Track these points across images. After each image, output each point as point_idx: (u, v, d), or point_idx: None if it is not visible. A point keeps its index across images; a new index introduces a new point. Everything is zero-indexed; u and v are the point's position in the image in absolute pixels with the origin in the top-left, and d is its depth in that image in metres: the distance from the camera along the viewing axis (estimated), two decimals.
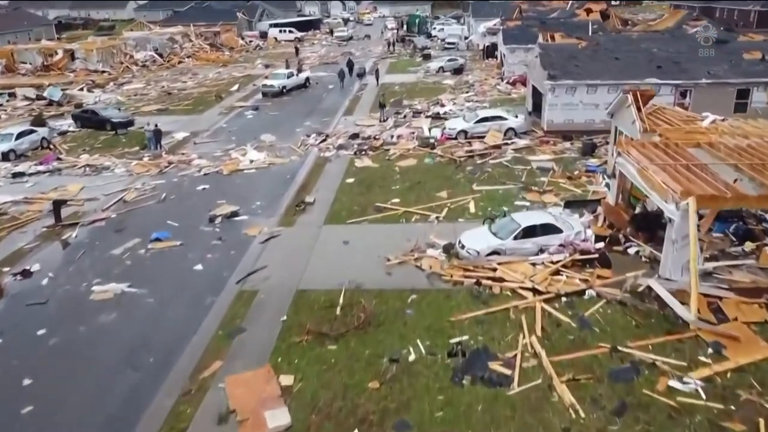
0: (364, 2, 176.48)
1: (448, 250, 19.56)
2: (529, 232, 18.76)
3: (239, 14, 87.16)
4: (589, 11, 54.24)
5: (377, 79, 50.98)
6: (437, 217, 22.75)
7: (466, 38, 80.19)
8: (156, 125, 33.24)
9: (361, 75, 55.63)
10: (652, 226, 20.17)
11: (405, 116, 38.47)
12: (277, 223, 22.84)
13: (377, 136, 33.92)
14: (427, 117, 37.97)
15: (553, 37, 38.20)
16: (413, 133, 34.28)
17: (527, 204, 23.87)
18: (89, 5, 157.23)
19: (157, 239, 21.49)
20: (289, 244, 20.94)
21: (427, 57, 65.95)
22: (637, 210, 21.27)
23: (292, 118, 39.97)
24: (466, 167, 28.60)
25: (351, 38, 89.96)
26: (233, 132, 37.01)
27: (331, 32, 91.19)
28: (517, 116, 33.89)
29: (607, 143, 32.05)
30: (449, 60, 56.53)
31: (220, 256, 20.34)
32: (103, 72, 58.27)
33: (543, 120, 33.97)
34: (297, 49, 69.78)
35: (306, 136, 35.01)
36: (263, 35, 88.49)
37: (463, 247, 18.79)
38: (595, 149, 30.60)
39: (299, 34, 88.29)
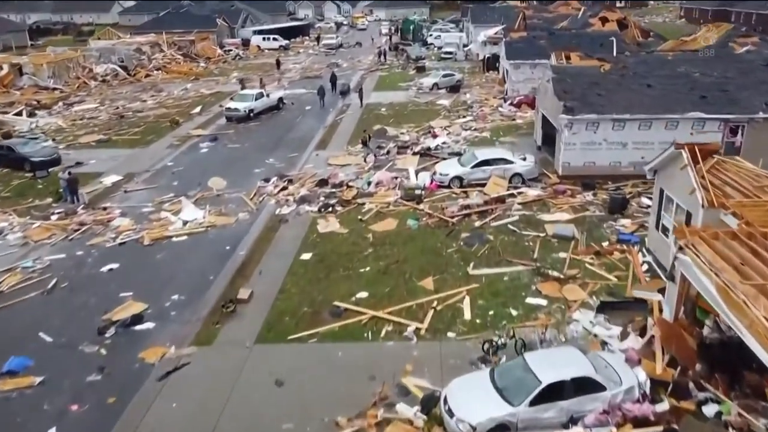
0: (360, 4, 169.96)
1: (429, 407, 12.90)
2: (554, 392, 11.98)
3: (219, 20, 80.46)
4: (605, 20, 47.53)
5: (361, 100, 44.29)
6: (417, 330, 16.08)
7: (465, 46, 73.58)
8: (69, 173, 26.52)
9: (345, 93, 48.98)
10: (733, 361, 13.56)
11: (388, 151, 31.78)
12: (192, 338, 16.16)
13: (350, 183, 27.22)
14: (415, 154, 31.25)
15: (568, 57, 31.54)
16: (396, 178, 27.59)
17: (543, 303, 17.20)
18: (72, 8, 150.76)
19: (9, 372, 14.83)
20: (198, 384, 14.27)
21: (420, 69, 59.27)
22: (707, 331, 14.60)
23: (253, 153, 33.30)
24: (460, 234, 21.93)
25: (340, 46, 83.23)
26: (178, 173, 30.33)
27: (318, 40, 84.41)
28: (525, 158, 27.17)
29: (640, 194, 25.51)
30: (445, 75, 49.82)
31: (91, 409, 13.66)
32: (55, 89, 51.63)
33: (557, 162, 27.30)
34: (278, 62, 62.97)
35: (264, 181, 28.32)
36: (245, 43, 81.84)
37: (451, 414, 12.06)
38: (626, 205, 23.90)
39: (284, 42, 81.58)
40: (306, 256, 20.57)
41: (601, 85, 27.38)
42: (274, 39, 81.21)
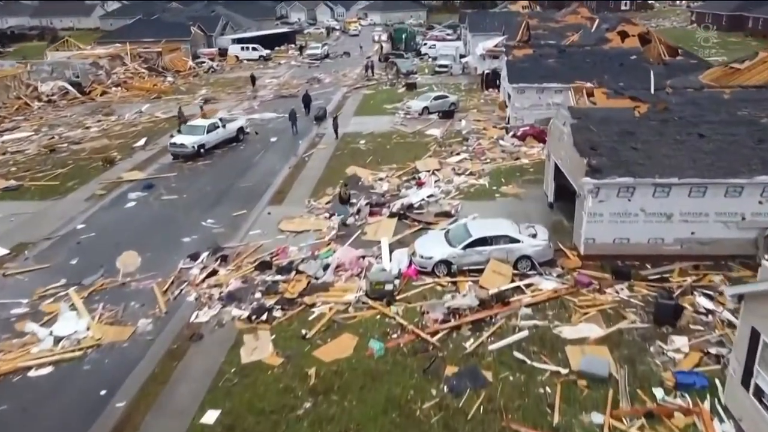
0: (354, 7, 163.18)
1: None
2: None
3: (193, 29, 73.54)
4: (624, 35, 40.54)
5: (336, 131, 37.33)
6: None
7: (462, 57, 66.71)
8: None
9: (321, 118, 42.12)
10: None
11: (359, 210, 24.88)
12: None
13: (301, 266, 20.32)
14: (392, 215, 24.36)
15: (590, 94, 24.66)
16: (363, 258, 20.72)
17: None
18: (52, 12, 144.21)
19: None
20: None
21: (411, 87, 52.39)
22: None
23: (190, 209, 26.44)
24: (444, 367, 15.08)
25: (326, 57, 76.29)
26: (85, 244, 23.45)
27: (301, 50, 77.44)
28: (535, 234, 20.25)
29: (693, 289, 18.64)
30: (437, 98, 42.90)
31: None
32: None
33: (578, 237, 20.45)
34: (253, 78, 55.90)
35: (190, 258, 21.46)
36: (223, 53, 74.97)
37: None
38: (681, 314, 17.01)
39: (265, 52, 74.67)
40: (210, 417, 13.67)
41: (637, 134, 20.48)
42: (254, 49, 74.30)
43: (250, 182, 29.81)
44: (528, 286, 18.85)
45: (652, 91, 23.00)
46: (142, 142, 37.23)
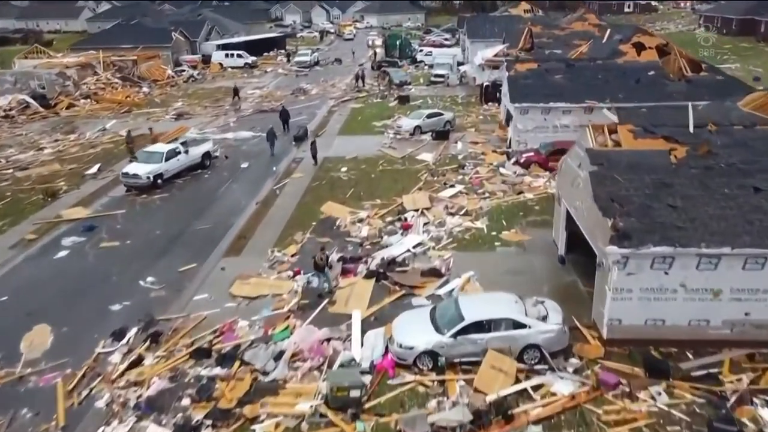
0: (351, 9, 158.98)
1: None
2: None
3: (175, 34, 69.19)
4: (640, 47, 36.15)
5: (315, 157, 32.99)
6: None
7: (459, 64, 62.46)
8: None
9: (301, 138, 37.83)
10: None
11: (330, 265, 20.53)
12: None
13: (247, 353, 16.01)
14: (369, 275, 20.05)
15: (613, 131, 20.37)
16: (327, 342, 16.42)
17: None
18: (39, 15, 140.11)
19: None
20: None
21: (403, 100, 48.07)
22: None
23: (132, 260, 22.15)
24: None
25: (316, 64, 71.92)
26: None
27: (288, 57, 73.05)
28: (545, 314, 15.89)
29: (752, 396, 14.34)
30: (430, 116, 38.58)
31: None
32: None
33: (601, 318, 16.16)
34: (236, 90, 51.39)
35: (113, 338, 17.18)
36: (207, 60, 70.67)
37: None
38: None
39: (250, 59, 70.33)
40: None
41: (675, 187, 16.17)
42: (239, 56, 69.93)
43: (209, 223, 25.49)
44: (537, 388, 14.54)
45: (691, 128, 18.65)
46: (95, 168, 32.88)
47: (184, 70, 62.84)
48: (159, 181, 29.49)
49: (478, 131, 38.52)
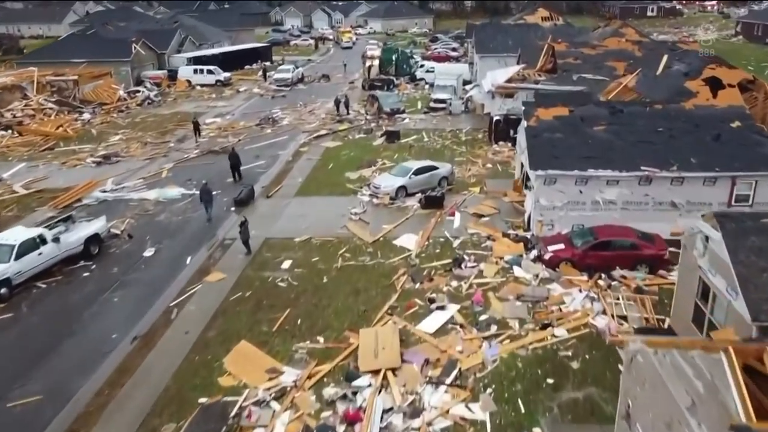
0: (354, 14, 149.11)
1: None
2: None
3: (136, 46, 59.45)
4: (716, 84, 25.76)
5: (246, 243, 22.95)
6: None
7: (466, 83, 52.37)
8: None
9: (243, 202, 27.99)
10: None
11: None
12: None
13: None
14: None
15: (760, 359, 10.07)
16: None
17: None
18: (20, 18, 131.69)
19: None
20: None
21: (392, 138, 38.04)
22: None
23: None
24: None
25: (300, 80, 61.91)
26: None
27: (264, 75, 62.96)
28: None
29: None
30: (420, 171, 28.40)
31: None
32: None
33: None
34: (196, 124, 41.01)
35: None
36: (173, 76, 60.97)
37: None
38: None
39: (222, 76, 60.45)
40: None
41: None
42: (209, 72, 60.04)
43: (39, 389, 15.57)
44: None
45: None
46: None
47: (139, 91, 52.94)
48: (3, 290, 19.63)
49: (484, 192, 28.36)
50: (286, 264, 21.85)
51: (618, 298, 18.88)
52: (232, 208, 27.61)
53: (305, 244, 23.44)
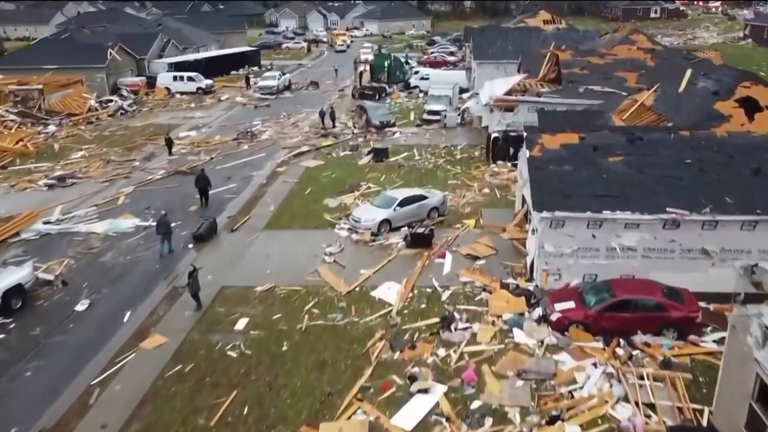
0: (350, 15, 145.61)
1: None
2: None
3: (112, 51, 55.79)
4: (752, 106, 22.11)
5: (195, 296, 19.26)
6: None
7: (463, 91, 48.90)
8: None
9: (203, 238, 24.32)
10: None
11: None
12: None
13: None
14: None
15: None
16: None
17: None
18: (6, 19, 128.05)
19: None
20: None
21: (380, 156, 34.46)
22: None
23: None
24: None
25: (287, 88, 58.30)
26: None
27: (247, 82, 59.23)
28: None
29: None
30: (406, 201, 24.71)
31: None
32: None
33: None
34: (169, 142, 37.38)
35: None
36: (153, 83, 57.35)
37: None
38: None
39: (204, 83, 56.82)
40: None
41: None
42: (190, 79, 56.41)
43: None
44: None
45: None
46: None
47: (111, 101, 49.22)
48: None
49: (480, 226, 24.73)
50: (241, 324, 18.24)
51: (642, 377, 15.29)
52: (190, 245, 24.00)
53: (267, 296, 19.83)
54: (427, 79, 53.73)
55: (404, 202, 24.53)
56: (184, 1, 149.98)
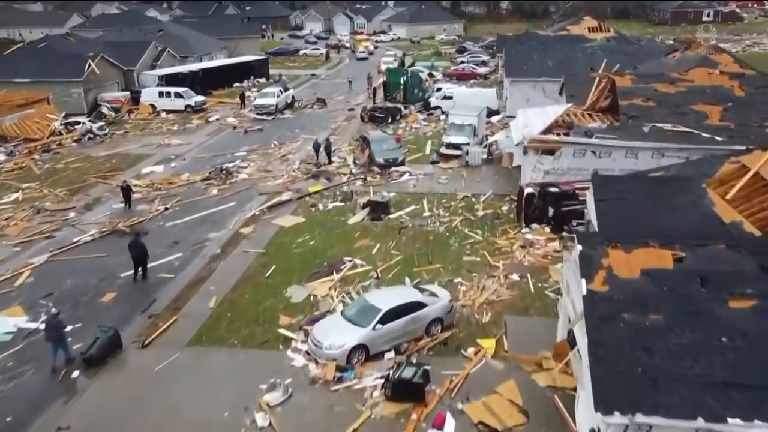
0: (378, 18, 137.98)
1: None
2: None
3: (90, 63, 48.96)
4: None
5: None
6: None
7: (492, 115, 40.83)
8: None
9: (94, 360, 16.70)
10: None
11: None
12: None
13: None
14: None
15: None
16: None
17: None
18: (20, 22, 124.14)
19: None
20: None
21: (377, 212, 26.41)
22: None
23: None
24: None
25: (289, 106, 50.62)
26: None
27: (242, 100, 51.52)
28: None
29: None
30: (392, 314, 16.50)
31: None
32: None
33: None
34: (126, 191, 28.38)
35: None
36: (137, 99, 50.37)
37: None
38: None
39: (194, 100, 49.54)
40: None
41: None
42: (178, 95, 49.18)
43: None
44: None
45: None
46: None
47: (78, 123, 42.17)
48: None
49: (503, 354, 16.45)
50: None
51: None
52: (75, 373, 16.38)
53: None
54: (451, 98, 45.47)
55: (390, 315, 16.37)
56: (211, 2, 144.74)
